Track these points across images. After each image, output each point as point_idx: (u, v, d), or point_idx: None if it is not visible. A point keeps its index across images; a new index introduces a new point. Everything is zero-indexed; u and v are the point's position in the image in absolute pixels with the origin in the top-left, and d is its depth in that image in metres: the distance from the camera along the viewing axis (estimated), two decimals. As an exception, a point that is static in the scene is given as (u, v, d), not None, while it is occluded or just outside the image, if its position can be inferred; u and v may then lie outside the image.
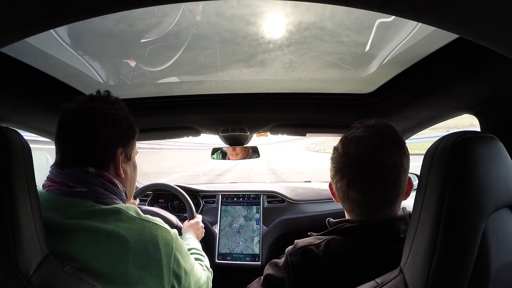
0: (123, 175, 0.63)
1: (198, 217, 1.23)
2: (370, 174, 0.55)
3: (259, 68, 0.87)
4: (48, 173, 0.59)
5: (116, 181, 0.60)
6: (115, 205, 0.57)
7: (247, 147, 1.32)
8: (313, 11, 0.61)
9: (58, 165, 0.58)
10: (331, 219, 0.63)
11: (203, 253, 0.90)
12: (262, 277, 0.65)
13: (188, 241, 0.96)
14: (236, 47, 0.76)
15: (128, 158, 0.65)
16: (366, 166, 0.55)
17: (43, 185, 0.59)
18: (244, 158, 1.36)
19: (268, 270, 0.63)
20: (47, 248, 0.48)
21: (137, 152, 0.69)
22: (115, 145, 0.61)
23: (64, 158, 0.58)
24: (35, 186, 0.48)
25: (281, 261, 0.61)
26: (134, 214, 0.56)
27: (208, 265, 0.83)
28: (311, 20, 0.64)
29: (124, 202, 0.62)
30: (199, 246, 0.96)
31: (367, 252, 0.53)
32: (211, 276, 0.81)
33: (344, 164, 0.58)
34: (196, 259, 0.80)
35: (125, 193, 0.63)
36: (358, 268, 0.52)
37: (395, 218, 0.56)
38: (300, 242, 0.59)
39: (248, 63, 0.85)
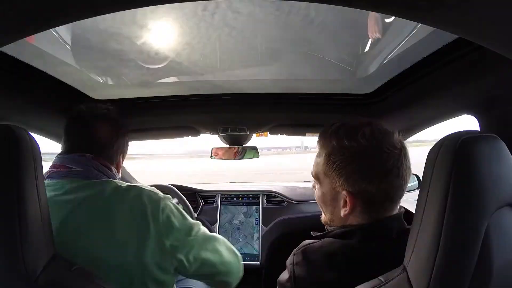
0: (120, 164, 0.73)
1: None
2: None
3: (259, 68, 0.87)
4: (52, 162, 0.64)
5: (112, 167, 0.68)
6: (107, 179, 0.62)
7: (234, 147, 1.31)
8: (313, 11, 0.61)
9: (62, 153, 0.65)
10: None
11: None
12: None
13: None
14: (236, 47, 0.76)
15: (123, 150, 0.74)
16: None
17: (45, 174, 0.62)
18: (233, 158, 1.33)
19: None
20: (54, 247, 0.48)
21: None
22: (115, 138, 0.69)
23: (71, 147, 0.65)
24: (44, 185, 0.48)
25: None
26: (123, 184, 0.61)
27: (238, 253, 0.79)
28: (311, 19, 0.64)
29: None
30: None
31: (358, 253, 0.53)
32: (240, 261, 0.77)
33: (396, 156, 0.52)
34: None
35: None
36: (350, 269, 0.52)
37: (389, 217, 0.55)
38: (305, 241, 0.59)
39: (248, 63, 0.84)
